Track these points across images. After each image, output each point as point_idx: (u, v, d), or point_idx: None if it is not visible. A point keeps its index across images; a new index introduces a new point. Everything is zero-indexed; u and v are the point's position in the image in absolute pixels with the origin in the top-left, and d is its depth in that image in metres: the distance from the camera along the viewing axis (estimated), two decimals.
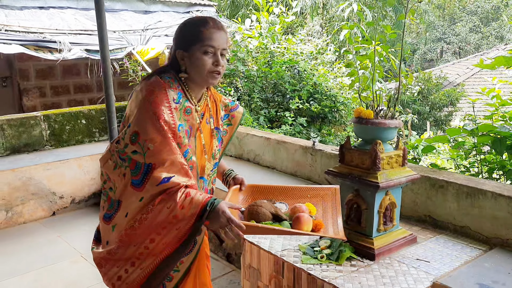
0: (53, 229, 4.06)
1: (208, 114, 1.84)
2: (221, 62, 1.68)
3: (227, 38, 1.73)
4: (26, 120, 4.61)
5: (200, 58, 1.66)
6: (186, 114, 1.71)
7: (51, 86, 8.90)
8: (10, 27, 6.53)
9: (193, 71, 1.70)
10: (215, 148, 1.86)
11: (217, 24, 1.70)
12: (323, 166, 3.45)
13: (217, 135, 1.88)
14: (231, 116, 1.98)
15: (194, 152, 1.73)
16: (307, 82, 5.58)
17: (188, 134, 1.71)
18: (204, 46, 1.65)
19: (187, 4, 9.89)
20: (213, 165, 1.87)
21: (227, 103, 1.98)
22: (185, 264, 1.81)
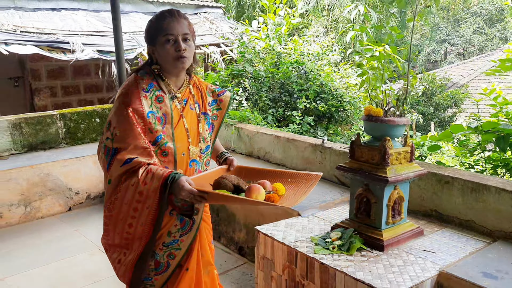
0: (70, 224, 4.20)
1: (192, 101, 1.99)
2: (182, 46, 1.82)
3: (187, 24, 1.88)
4: (43, 118, 4.76)
5: (163, 47, 1.83)
6: (157, 102, 1.86)
7: (62, 86, 9.06)
8: (24, 28, 6.70)
9: (162, 61, 1.87)
10: (204, 132, 2.01)
11: (174, 14, 1.87)
12: (332, 163, 3.57)
13: (205, 120, 2.03)
14: (219, 100, 2.12)
15: (171, 139, 1.86)
16: (314, 82, 5.70)
17: (161, 121, 1.85)
18: (165, 36, 1.82)
19: (195, 6, 10.05)
20: (204, 148, 2.01)
21: (214, 89, 2.13)
22: (186, 242, 1.96)
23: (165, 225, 1.90)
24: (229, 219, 3.68)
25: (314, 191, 3.33)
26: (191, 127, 1.95)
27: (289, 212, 3.04)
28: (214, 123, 2.10)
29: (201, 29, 8.96)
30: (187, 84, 1.98)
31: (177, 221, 1.93)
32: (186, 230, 1.95)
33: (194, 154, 1.96)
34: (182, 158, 1.91)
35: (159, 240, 1.91)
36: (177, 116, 1.90)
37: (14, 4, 7.65)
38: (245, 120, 4.77)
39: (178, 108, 1.92)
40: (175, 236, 1.94)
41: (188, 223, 1.95)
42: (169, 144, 1.85)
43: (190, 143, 1.93)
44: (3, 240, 3.85)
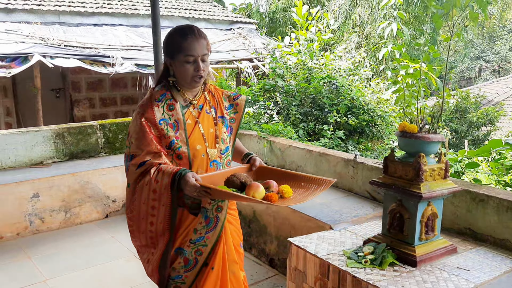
0: (107, 230, 4.35)
1: (208, 106, 2.12)
2: (201, 67, 1.96)
3: (206, 43, 2.00)
4: (84, 128, 4.98)
5: (183, 66, 1.95)
6: (169, 110, 2.00)
7: (100, 98, 9.43)
8: (68, 43, 7.05)
9: (179, 77, 2.00)
10: (223, 134, 2.12)
11: (195, 33, 1.98)
12: (364, 178, 3.60)
13: (223, 123, 2.15)
14: (235, 104, 2.24)
15: (184, 143, 1.99)
16: (345, 96, 5.75)
17: (174, 127, 1.99)
18: (186, 56, 1.94)
19: (229, 22, 10.30)
20: (224, 149, 2.13)
21: (229, 94, 2.25)
22: (212, 239, 2.08)
23: (190, 223, 2.03)
24: (260, 230, 3.74)
25: (346, 205, 3.39)
26: (207, 131, 2.07)
27: (320, 225, 3.08)
28: (232, 126, 2.22)
29: (234, 44, 9.17)
30: (202, 92, 2.12)
31: (202, 218, 2.05)
32: (211, 227, 2.07)
33: (213, 156, 2.07)
34: (202, 159, 2.04)
35: (186, 237, 2.04)
36: (192, 122, 2.04)
37: (59, 19, 8.06)
38: (277, 133, 4.85)
39: (194, 114, 2.05)
40: (201, 233, 2.06)
41: (213, 220, 2.07)
42: (183, 148, 1.98)
43: (207, 146, 2.05)
44: (45, 243, 4.03)
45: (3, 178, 4.22)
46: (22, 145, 4.62)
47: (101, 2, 8.98)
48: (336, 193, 3.71)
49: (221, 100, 2.21)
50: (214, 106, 2.15)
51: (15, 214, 4.11)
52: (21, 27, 7.33)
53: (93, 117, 9.31)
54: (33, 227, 4.22)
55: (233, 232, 2.25)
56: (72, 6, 8.40)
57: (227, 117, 2.20)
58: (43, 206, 4.25)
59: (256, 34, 10.04)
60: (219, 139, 2.11)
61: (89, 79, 9.20)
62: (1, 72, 6.00)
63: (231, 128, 2.23)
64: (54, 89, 9.20)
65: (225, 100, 2.23)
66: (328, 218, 3.14)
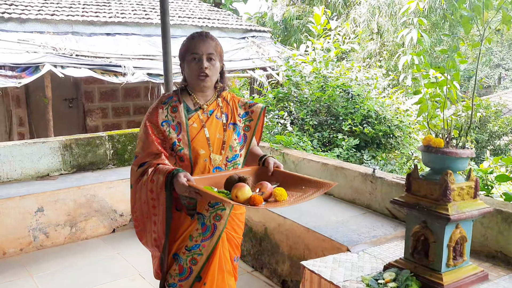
0: (113, 246, 4.19)
1: (219, 112, 2.09)
2: (204, 64, 1.96)
3: (214, 44, 2.02)
4: (93, 140, 4.85)
5: (189, 65, 2.00)
6: (172, 112, 2.02)
7: (113, 108, 9.36)
8: (80, 52, 6.98)
9: (188, 78, 2.04)
10: (232, 141, 2.08)
11: (203, 35, 2.03)
12: (383, 194, 3.36)
13: (234, 130, 2.10)
14: (251, 111, 2.19)
15: (186, 145, 1.98)
16: (360, 105, 5.52)
17: (176, 129, 2.00)
18: (191, 55, 1.98)
19: (243, 30, 10.17)
20: (231, 156, 2.08)
21: (246, 102, 2.21)
22: (208, 249, 2.05)
23: (186, 228, 2.02)
24: (272, 249, 3.53)
25: (364, 224, 3.16)
26: (214, 136, 2.04)
27: (336, 247, 2.86)
28: (246, 134, 2.17)
29: (248, 53, 9.02)
30: (216, 98, 2.10)
31: (199, 225, 2.03)
32: (207, 235, 2.05)
33: (216, 162, 2.04)
34: (205, 164, 2.02)
35: (182, 243, 2.03)
36: (199, 126, 2.02)
37: (72, 29, 8.03)
38: (289, 145, 4.64)
39: (201, 118, 2.04)
40: (197, 240, 2.03)
41: (210, 228, 2.04)
42: (185, 150, 1.98)
43: (211, 151, 2.02)
44: (48, 260, 3.88)
45: (7, 191, 4.10)
46: (29, 157, 4.50)
47: (114, 12, 8.94)
48: (353, 210, 3.48)
49: (236, 107, 2.17)
50: (226, 113, 2.12)
51: (18, 229, 3.98)
52: (34, 37, 7.30)
53: (106, 126, 9.24)
54: (37, 242, 4.08)
55: (231, 243, 2.19)
56: (85, 15, 8.37)
57: (240, 124, 2.15)
58: (47, 220, 4.11)
59: (270, 42, 9.88)
60: (227, 146, 2.07)
61: (102, 89, 9.14)
62: (12, 82, 5.94)
63: (245, 136, 2.17)
64: (67, 99, 9.17)
65: (240, 108, 2.18)
66: (345, 239, 2.91)
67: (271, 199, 1.87)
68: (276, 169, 2.07)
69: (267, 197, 1.87)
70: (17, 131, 8.41)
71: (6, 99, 8.31)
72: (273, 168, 2.06)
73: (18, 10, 7.80)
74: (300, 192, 1.92)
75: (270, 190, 1.87)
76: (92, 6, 9.06)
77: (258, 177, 2.06)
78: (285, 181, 2.01)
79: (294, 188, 1.95)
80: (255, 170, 2.10)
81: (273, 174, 2.06)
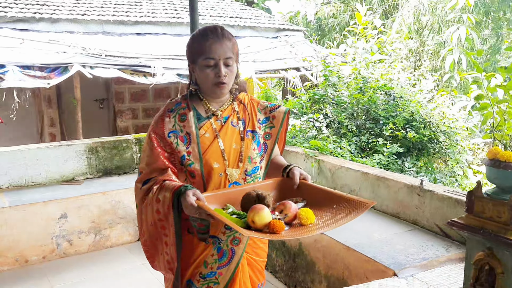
0: (138, 256, 3.98)
1: (235, 118, 1.80)
2: (222, 72, 1.68)
3: (231, 45, 1.72)
4: (119, 143, 4.67)
5: (203, 71, 1.69)
6: (180, 120, 1.74)
7: (143, 108, 9.26)
8: (109, 52, 6.87)
9: (200, 84, 1.75)
10: (251, 151, 1.79)
11: (218, 34, 1.70)
12: (433, 209, 3.00)
13: (253, 138, 1.81)
14: (272, 117, 1.89)
15: (197, 159, 1.71)
16: (403, 109, 5.13)
17: (185, 140, 1.72)
18: (205, 60, 1.68)
19: (275, 29, 9.88)
20: (251, 169, 1.79)
21: (266, 105, 1.91)
22: (225, 277, 1.77)
23: (200, 253, 1.76)
24: (307, 267, 3.22)
25: (411, 243, 2.80)
26: (229, 147, 1.76)
27: (381, 270, 2.53)
28: (267, 143, 1.87)
29: (281, 53, 8.72)
30: (231, 102, 1.83)
31: (214, 250, 1.76)
32: (224, 262, 1.77)
33: (234, 177, 1.76)
34: (220, 179, 1.74)
35: (196, 269, 1.76)
36: (211, 135, 1.75)
37: (102, 29, 7.96)
38: (326, 151, 4.32)
39: (214, 127, 1.76)
40: (212, 267, 1.76)
41: (227, 254, 1.76)
42: (195, 165, 1.71)
43: (226, 165, 1.74)
44: (71, 270, 3.72)
45: (31, 196, 3.97)
46: (54, 160, 4.36)
47: (145, 11, 8.83)
48: (397, 226, 3.13)
49: (255, 112, 1.87)
50: (244, 119, 1.83)
51: (41, 235, 3.83)
52: (64, 37, 7.25)
53: (136, 128, 9.15)
54: (60, 250, 3.92)
55: (254, 270, 1.88)
56: (116, 15, 8.29)
57: (259, 132, 1.85)
58: (71, 227, 3.95)
59: (304, 42, 9.53)
60: (245, 158, 1.78)
61: (132, 90, 9.06)
62: (41, 82, 5.87)
63: (265, 145, 1.87)
64: (98, 100, 9.14)
65: (259, 112, 1.88)
66: (391, 260, 2.58)
67: (296, 221, 1.57)
68: (303, 182, 1.75)
69: (291, 220, 1.57)
70: (48, 131, 8.42)
71: (38, 99, 8.33)
72: (299, 180, 1.75)
73: (50, 10, 7.79)
74: (330, 212, 1.59)
75: (294, 212, 1.57)
76: (123, 5, 8.98)
77: (281, 191, 1.76)
78: (313, 197, 1.69)
79: (323, 206, 1.63)
80: (278, 183, 1.79)
81: (299, 187, 1.74)
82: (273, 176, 1.86)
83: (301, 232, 1.51)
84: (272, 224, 1.46)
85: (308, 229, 1.51)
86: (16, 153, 4.21)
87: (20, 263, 3.75)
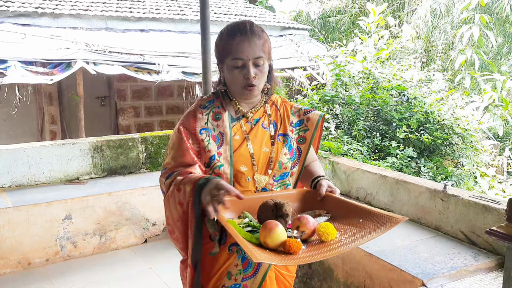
0: (145, 259, 3.85)
1: (267, 120, 1.71)
2: (251, 73, 1.57)
3: (262, 43, 1.60)
4: (125, 141, 4.53)
5: (231, 72, 1.60)
6: (214, 119, 1.65)
7: (145, 107, 9.11)
8: (113, 49, 6.72)
9: (229, 85, 1.66)
10: (282, 156, 1.67)
11: (246, 32, 1.58)
12: (457, 215, 2.87)
13: (285, 142, 1.70)
14: (306, 119, 1.77)
15: (227, 162, 1.60)
16: (417, 110, 5.00)
17: (217, 140, 1.62)
18: (233, 60, 1.58)
19: (280, 28, 9.76)
20: (279, 176, 1.68)
21: (300, 108, 1.81)
22: None
23: (223, 263, 1.61)
24: (324, 274, 3.08)
25: (437, 250, 2.66)
26: (259, 150, 1.65)
27: (408, 280, 2.40)
28: (301, 147, 1.74)
29: (287, 52, 8.60)
30: (263, 103, 1.73)
31: (238, 259, 1.61)
32: (249, 273, 1.61)
33: (262, 183, 1.65)
34: (247, 184, 1.63)
35: (219, 281, 1.61)
36: (241, 138, 1.64)
37: (105, 25, 7.81)
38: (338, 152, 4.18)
39: (244, 129, 1.66)
40: (236, 279, 1.60)
41: (252, 264, 1.61)
42: (224, 167, 1.60)
43: (255, 170, 1.63)
44: (75, 273, 3.57)
45: (34, 196, 3.82)
46: (58, 159, 4.21)
47: (148, 8, 8.69)
48: (420, 232, 3.00)
49: (287, 114, 1.76)
50: (275, 121, 1.72)
51: (45, 237, 3.68)
52: (67, 33, 7.10)
53: (138, 126, 9.00)
54: (64, 252, 3.77)
55: (281, 285, 1.73)
56: (119, 11, 8.14)
57: (292, 136, 1.73)
58: (76, 229, 3.80)
59: (309, 40, 9.40)
60: (275, 163, 1.66)
61: (135, 87, 8.91)
62: (43, 78, 5.72)
63: (299, 150, 1.74)
64: (99, 97, 8.98)
65: (293, 115, 1.77)
66: (417, 270, 2.44)
67: (315, 238, 1.43)
68: (329, 194, 1.60)
69: (309, 236, 1.43)
70: (49, 129, 8.26)
71: (39, 96, 8.17)
72: (326, 192, 1.61)
73: (52, 5, 7.64)
74: (356, 227, 1.45)
75: (313, 227, 1.42)
76: (126, 1, 8.84)
77: (305, 203, 1.63)
78: (338, 210, 1.56)
79: (349, 221, 1.49)
80: (303, 194, 1.66)
81: (324, 200, 1.61)
82: (305, 186, 1.74)
83: (321, 252, 1.35)
84: (288, 245, 1.32)
85: (329, 247, 1.36)
86: (18, 151, 4.06)
87: (22, 265, 3.60)
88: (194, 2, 9.82)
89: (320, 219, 1.53)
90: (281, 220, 1.46)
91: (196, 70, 6.87)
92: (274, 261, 1.30)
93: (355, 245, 1.34)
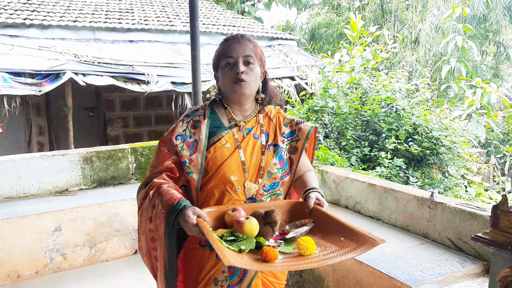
0: (135, 270, 3.83)
1: (259, 130, 1.75)
2: (240, 68, 1.64)
3: (252, 46, 1.72)
4: (115, 152, 4.53)
5: (223, 72, 1.68)
6: (193, 127, 1.70)
7: (134, 117, 9.10)
8: (102, 59, 6.72)
9: (223, 87, 1.72)
10: (271, 166, 1.71)
11: (238, 37, 1.73)
12: (445, 222, 2.93)
13: (275, 152, 1.73)
14: (298, 129, 1.81)
15: (197, 169, 1.64)
16: (406, 121, 5.08)
17: (191, 147, 1.66)
18: (225, 59, 1.68)
19: (269, 38, 9.85)
20: (269, 185, 1.70)
21: (292, 119, 1.85)
22: None
23: (210, 269, 1.64)
24: (315, 282, 3.11)
25: (425, 257, 2.72)
26: (250, 159, 1.69)
27: (397, 286, 2.44)
28: (292, 157, 1.77)
29: (275, 62, 8.67)
30: (256, 113, 1.78)
31: (225, 266, 1.63)
32: (235, 280, 1.64)
33: (251, 191, 1.67)
34: (237, 193, 1.65)
35: (206, 287, 1.64)
36: (232, 146, 1.68)
37: (94, 36, 7.81)
38: (326, 161, 4.24)
39: (236, 137, 1.70)
40: (223, 285, 1.63)
41: (238, 271, 1.63)
42: (193, 175, 1.64)
43: (246, 178, 1.67)
44: (64, 286, 3.54)
45: (23, 208, 3.79)
46: (47, 170, 4.19)
47: (137, 18, 8.71)
48: (408, 240, 3.05)
49: (280, 125, 1.80)
50: (267, 132, 1.76)
51: (34, 249, 3.65)
52: (55, 44, 7.08)
53: (127, 136, 8.97)
54: (54, 264, 3.74)
55: None
56: (108, 22, 8.15)
57: (283, 146, 1.76)
58: (65, 240, 3.78)
59: (298, 51, 9.50)
60: (264, 172, 1.69)
61: (123, 98, 8.90)
62: (32, 90, 5.69)
63: (291, 160, 1.76)
64: (87, 108, 8.94)
65: (285, 126, 1.81)
66: (406, 276, 2.49)
67: (294, 250, 1.44)
68: (316, 207, 1.60)
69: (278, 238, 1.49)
70: (36, 140, 8.20)
71: (26, 107, 8.10)
72: (314, 205, 1.62)
73: (40, 16, 7.62)
74: (336, 245, 1.45)
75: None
76: (115, 12, 8.85)
77: (293, 214, 1.65)
78: (323, 224, 1.57)
79: (331, 236, 1.50)
80: (291, 205, 1.67)
81: (311, 212, 1.62)
82: (300, 197, 1.75)
83: (297, 264, 1.37)
84: (265, 253, 1.35)
85: (306, 261, 1.38)
86: (7, 163, 4.04)
87: (12, 278, 3.56)
88: (183, 13, 9.87)
89: (303, 229, 1.57)
90: (268, 228, 1.49)
91: (185, 80, 6.90)
92: (246, 266, 1.34)
93: (330, 263, 1.36)
